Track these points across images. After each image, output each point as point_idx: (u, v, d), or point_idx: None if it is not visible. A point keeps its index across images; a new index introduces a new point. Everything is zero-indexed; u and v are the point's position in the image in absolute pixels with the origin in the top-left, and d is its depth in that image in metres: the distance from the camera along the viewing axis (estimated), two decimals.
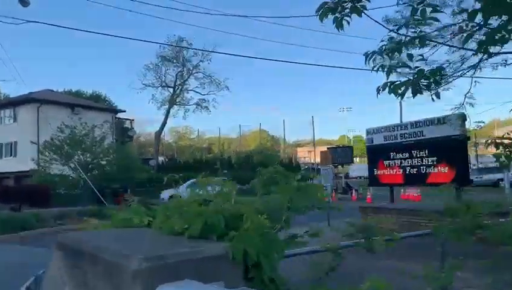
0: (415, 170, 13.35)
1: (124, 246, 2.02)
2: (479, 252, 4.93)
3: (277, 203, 2.47)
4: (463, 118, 12.41)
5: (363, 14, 5.39)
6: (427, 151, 12.90)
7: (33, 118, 31.10)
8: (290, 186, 2.57)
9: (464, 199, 12.42)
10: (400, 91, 6.10)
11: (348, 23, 5.38)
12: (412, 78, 6.33)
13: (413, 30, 6.35)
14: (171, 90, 47.93)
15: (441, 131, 12.60)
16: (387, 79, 6.05)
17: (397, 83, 6.14)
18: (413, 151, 13.28)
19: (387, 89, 5.93)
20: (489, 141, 6.79)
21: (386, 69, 6.00)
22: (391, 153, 14.07)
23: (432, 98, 6.66)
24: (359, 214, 17.22)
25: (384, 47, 6.29)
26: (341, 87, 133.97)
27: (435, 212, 12.14)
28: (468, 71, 9.98)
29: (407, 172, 13.62)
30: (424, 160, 13.07)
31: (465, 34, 6.32)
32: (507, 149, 6.38)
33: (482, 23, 5.60)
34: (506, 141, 6.53)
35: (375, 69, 6.14)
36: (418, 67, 6.32)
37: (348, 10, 5.27)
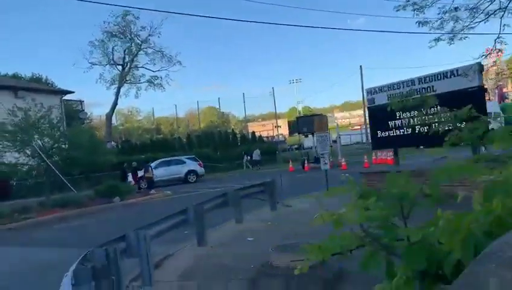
0: (427, 128, 12.65)
1: None
2: None
3: None
4: (480, 68, 11.78)
5: None
6: (439, 108, 12.19)
7: None
8: None
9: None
10: None
11: None
12: None
13: None
14: (120, 68, 44.97)
15: (455, 84, 11.94)
16: None
17: None
18: (423, 109, 12.53)
19: None
20: None
21: None
22: (397, 113, 13.28)
23: None
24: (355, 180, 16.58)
25: None
26: (290, 59, 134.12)
27: None
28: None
29: (417, 131, 12.91)
30: (437, 116, 12.36)
31: None
32: None
33: None
34: None
35: None
36: None
37: None
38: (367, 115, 15.39)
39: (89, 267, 5.19)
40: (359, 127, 68.83)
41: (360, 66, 42.60)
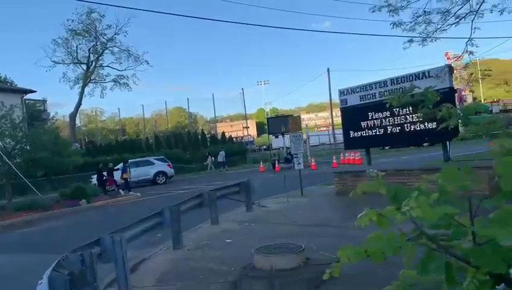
0: (399, 128, 12.84)
1: None
2: None
3: None
4: (450, 69, 12.06)
5: None
6: (411, 108, 12.37)
7: None
8: None
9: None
10: None
11: None
12: None
13: None
14: (85, 66, 43.71)
15: (426, 85, 12.11)
16: None
17: None
18: (395, 110, 12.68)
19: None
20: None
21: None
22: (369, 113, 13.42)
23: None
24: (325, 180, 16.69)
25: None
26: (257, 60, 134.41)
27: (423, 170, 11.65)
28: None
29: (389, 132, 13.06)
30: (408, 117, 12.56)
31: None
32: None
33: None
34: None
35: None
36: None
37: None
38: (339, 115, 15.42)
39: (65, 273, 4.89)
40: (325, 128, 70.13)
41: (328, 69, 43.13)
